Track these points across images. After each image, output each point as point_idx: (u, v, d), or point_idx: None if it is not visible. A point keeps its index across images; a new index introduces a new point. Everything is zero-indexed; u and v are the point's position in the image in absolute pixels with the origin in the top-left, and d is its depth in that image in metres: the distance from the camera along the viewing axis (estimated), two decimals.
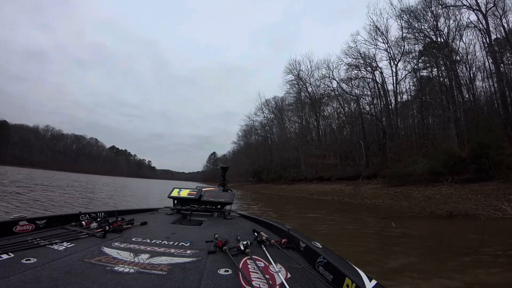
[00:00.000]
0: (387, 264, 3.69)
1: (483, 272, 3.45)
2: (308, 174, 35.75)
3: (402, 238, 5.60)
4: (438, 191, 14.70)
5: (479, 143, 15.00)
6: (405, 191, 16.66)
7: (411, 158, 20.07)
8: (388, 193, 17.36)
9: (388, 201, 15.49)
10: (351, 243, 5.03)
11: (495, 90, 23.22)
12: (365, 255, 4.14)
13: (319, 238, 4.60)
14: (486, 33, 23.04)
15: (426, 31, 26.34)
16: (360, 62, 31.48)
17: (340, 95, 36.37)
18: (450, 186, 14.78)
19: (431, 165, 17.05)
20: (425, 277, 3.26)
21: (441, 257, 4.15)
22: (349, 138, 34.23)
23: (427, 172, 17.15)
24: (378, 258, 3.98)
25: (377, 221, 8.03)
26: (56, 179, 25.47)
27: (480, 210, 8.48)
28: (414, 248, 4.77)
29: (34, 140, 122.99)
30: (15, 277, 1.10)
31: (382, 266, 3.63)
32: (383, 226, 6.91)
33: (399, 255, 4.21)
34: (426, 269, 3.61)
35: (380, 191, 18.66)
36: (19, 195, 9.38)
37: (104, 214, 2.59)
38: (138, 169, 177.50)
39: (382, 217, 8.42)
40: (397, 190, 17.32)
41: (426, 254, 4.39)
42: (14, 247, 1.44)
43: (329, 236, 5.56)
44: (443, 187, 14.98)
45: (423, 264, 3.82)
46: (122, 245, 1.69)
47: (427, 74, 28.74)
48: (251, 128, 60.17)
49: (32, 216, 2.01)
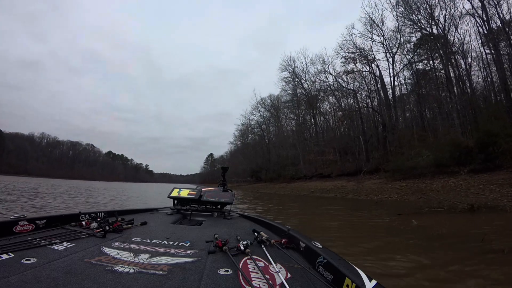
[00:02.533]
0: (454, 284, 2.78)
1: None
2: (307, 171, 35.04)
3: (434, 240, 4.61)
4: (446, 183, 14.04)
5: (487, 131, 14.37)
6: (410, 184, 16.00)
7: (413, 150, 19.44)
8: (393, 187, 16.67)
9: (395, 196, 14.78)
10: (380, 253, 3.92)
11: (491, 80, 23.04)
12: (414, 270, 3.13)
13: (339, 246, 3.92)
14: (485, 21, 22.62)
15: (421, 22, 25.90)
16: (356, 55, 30.85)
17: (337, 90, 35.72)
18: (457, 178, 14.15)
19: (436, 156, 16.40)
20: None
21: (497, 261, 3.34)
22: (348, 133, 33.63)
23: (432, 165, 16.52)
24: (433, 274, 3.03)
25: (394, 219, 7.13)
26: (45, 186, 24.51)
27: (505, 201, 7.74)
28: (457, 252, 3.85)
29: (29, 148, 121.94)
30: (15, 277, 1.10)
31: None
32: (403, 225, 6.08)
33: (448, 264, 3.29)
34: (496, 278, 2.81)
35: (384, 185, 17.97)
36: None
37: (104, 214, 2.58)
38: (135, 174, 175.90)
39: (397, 214, 7.55)
40: (402, 184, 16.65)
41: (478, 260, 3.45)
42: (14, 247, 1.44)
43: (348, 244, 4.45)
44: (450, 179, 14.35)
45: (486, 277, 2.93)
46: (122, 245, 1.69)
47: (423, 66, 28.41)
48: (247, 127, 59.46)
49: (32, 216, 2.01)
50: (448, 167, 15.81)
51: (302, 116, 43.81)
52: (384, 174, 20.39)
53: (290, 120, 48.43)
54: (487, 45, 23.00)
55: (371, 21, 29.36)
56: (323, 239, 3.02)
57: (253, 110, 54.56)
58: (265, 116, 53.64)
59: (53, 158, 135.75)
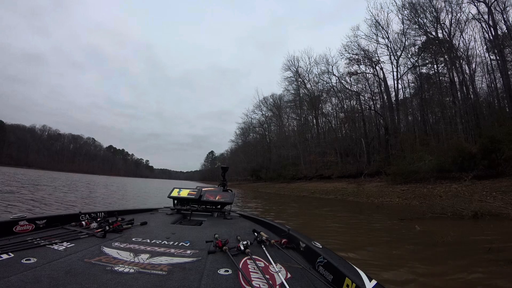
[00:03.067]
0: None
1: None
2: (307, 172, 34.92)
3: (439, 246, 4.46)
4: (448, 189, 13.93)
5: (491, 137, 14.24)
6: (412, 189, 15.87)
7: (415, 154, 19.31)
8: (394, 191, 16.56)
9: (396, 200, 14.66)
10: (384, 258, 3.82)
11: (495, 86, 22.90)
12: (420, 277, 3.02)
13: (341, 250, 3.82)
14: (491, 27, 22.50)
15: (427, 26, 25.76)
16: (361, 56, 30.70)
17: (340, 91, 35.59)
18: (460, 184, 14.06)
19: (438, 161, 16.28)
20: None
21: (506, 271, 3.24)
22: (350, 135, 33.50)
23: (434, 169, 16.41)
24: (441, 281, 2.95)
25: (395, 223, 7.06)
26: (41, 179, 24.54)
27: (509, 209, 7.63)
28: (464, 259, 3.74)
29: (30, 140, 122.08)
30: (15, 277, 1.10)
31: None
32: (405, 230, 5.99)
33: (455, 272, 3.20)
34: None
35: (385, 189, 17.85)
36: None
37: (104, 214, 2.57)
38: (135, 169, 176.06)
39: (399, 219, 7.46)
40: (403, 188, 16.52)
41: (486, 269, 3.33)
42: (14, 247, 1.44)
43: (350, 248, 4.41)
44: (452, 185, 14.24)
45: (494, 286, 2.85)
46: (122, 245, 1.68)
47: (427, 70, 28.33)
48: (249, 126, 59.35)
49: (32, 216, 1.99)
50: (450, 172, 15.71)
51: (304, 117, 43.69)
52: (385, 177, 20.24)
53: (292, 120, 48.37)
54: (492, 51, 22.95)
55: (377, 23, 29.25)
56: (325, 242, 2.95)
57: (255, 109, 54.53)
58: (267, 115, 53.60)
59: (54, 150, 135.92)
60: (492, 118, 18.03)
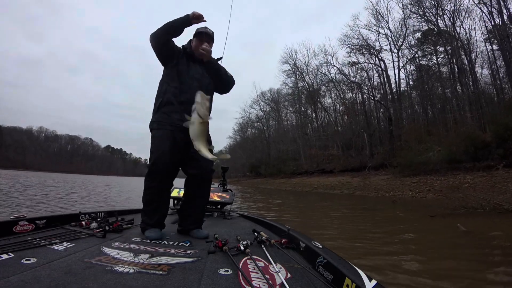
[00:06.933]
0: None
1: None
2: (308, 166, 34.10)
3: (501, 249, 3.50)
4: (463, 180, 13.13)
5: (505, 125, 13.42)
6: (423, 181, 15.01)
7: (422, 145, 18.51)
8: (404, 184, 15.70)
9: (409, 193, 13.74)
10: (443, 270, 2.80)
11: (494, 75, 22.42)
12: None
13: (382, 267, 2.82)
14: (496, 14, 21.69)
15: (428, 14, 24.95)
16: (362, 45, 29.75)
17: (340, 83, 34.62)
18: (474, 174, 13.26)
19: (449, 151, 15.47)
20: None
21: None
22: (351, 127, 32.67)
23: (444, 160, 15.61)
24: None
25: (428, 222, 5.99)
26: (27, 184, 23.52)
27: None
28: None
29: (27, 142, 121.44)
30: (15, 277, 1.09)
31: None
32: (447, 231, 4.78)
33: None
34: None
35: (394, 182, 16.99)
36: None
37: (104, 214, 2.56)
38: (134, 168, 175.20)
39: (429, 216, 6.45)
40: (413, 180, 15.66)
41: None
42: (14, 247, 1.42)
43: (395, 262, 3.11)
44: (466, 176, 13.45)
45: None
46: (122, 245, 1.66)
47: (427, 61, 27.68)
48: (247, 121, 58.45)
49: (32, 216, 1.99)
50: (461, 163, 14.93)
51: (303, 110, 42.80)
52: (392, 170, 19.44)
53: (290, 114, 47.51)
54: (495, 39, 22.27)
55: (377, 12, 28.27)
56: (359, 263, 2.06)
57: (253, 104, 53.55)
58: (265, 110, 52.65)
59: (51, 152, 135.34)
60: (499, 106, 17.20)
